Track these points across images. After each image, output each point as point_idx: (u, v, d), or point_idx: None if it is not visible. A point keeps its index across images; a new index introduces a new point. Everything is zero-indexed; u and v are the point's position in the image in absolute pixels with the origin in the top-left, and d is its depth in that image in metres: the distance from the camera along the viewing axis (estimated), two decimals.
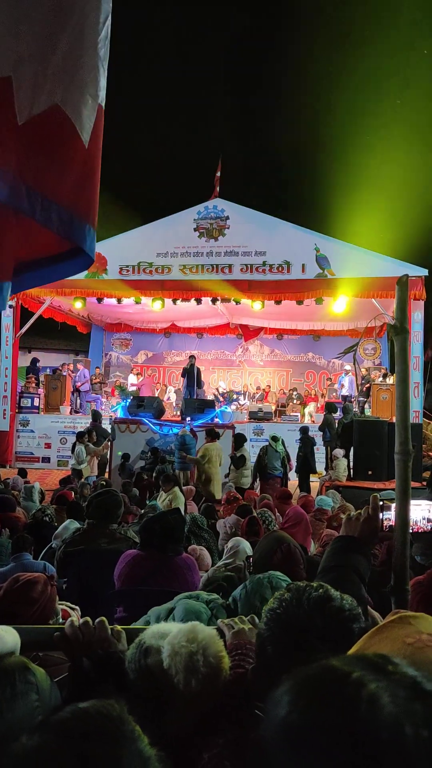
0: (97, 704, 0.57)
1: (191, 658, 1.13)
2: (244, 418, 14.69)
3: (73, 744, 0.52)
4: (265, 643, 1.01)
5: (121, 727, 0.55)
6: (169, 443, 12.01)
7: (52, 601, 2.32)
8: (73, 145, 1.73)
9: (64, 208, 1.72)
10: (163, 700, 1.13)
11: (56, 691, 1.05)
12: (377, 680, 0.49)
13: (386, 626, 0.89)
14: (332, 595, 1.04)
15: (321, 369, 19.39)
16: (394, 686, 0.49)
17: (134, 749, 0.54)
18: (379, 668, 0.51)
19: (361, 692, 0.48)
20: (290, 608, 1.02)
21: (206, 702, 1.14)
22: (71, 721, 0.55)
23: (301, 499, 7.96)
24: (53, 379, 15.58)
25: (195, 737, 1.10)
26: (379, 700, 0.47)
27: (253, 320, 17.98)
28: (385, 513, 1.77)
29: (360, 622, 1.01)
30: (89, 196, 1.82)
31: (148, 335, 20.08)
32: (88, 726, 0.54)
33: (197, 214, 14.29)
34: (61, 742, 0.52)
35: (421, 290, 12.82)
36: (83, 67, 1.72)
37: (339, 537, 1.69)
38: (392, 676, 0.50)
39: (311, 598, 1.02)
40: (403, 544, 1.78)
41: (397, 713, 0.46)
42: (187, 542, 5.16)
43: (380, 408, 13.16)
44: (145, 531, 2.78)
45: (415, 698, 0.47)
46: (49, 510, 6.32)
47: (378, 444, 9.08)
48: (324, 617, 0.98)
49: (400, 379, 1.86)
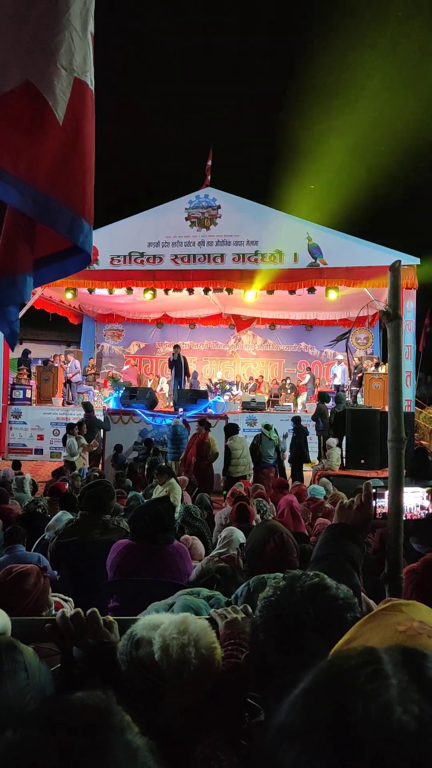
0: (83, 696, 0.56)
1: (182, 650, 1.12)
2: (237, 409, 14.70)
3: (57, 738, 0.51)
4: (258, 631, 1.01)
5: (108, 718, 0.54)
6: (162, 434, 12.01)
7: (45, 592, 2.31)
8: (46, 122, 1.62)
9: (39, 191, 1.61)
10: (154, 691, 1.12)
11: (47, 672, 1.04)
12: (395, 677, 0.48)
13: (378, 614, 0.89)
14: (327, 583, 1.03)
15: (314, 359, 19.41)
16: (411, 684, 0.47)
17: (122, 741, 0.53)
18: (403, 663, 0.50)
19: (369, 685, 0.47)
20: (283, 596, 1.01)
21: (198, 693, 1.13)
22: (55, 714, 0.54)
23: (294, 488, 7.99)
24: (45, 370, 15.50)
25: (188, 727, 1.09)
26: (391, 703, 0.45)
27: (245, 310, 17.95)
28: (378, 501, 1.76)
29: (355, 612, 1.00)
30: (77, 185, 1.69)
31: (140, 326, 20.01)
32: (72, 719, 0.53)
33: (188, 204, 14.21)
34: (44, 736, 0.51)
35: (413, 279, 12.83)
36: (55, 38, 1.61)
37: (332, 525, 1.69)
38: (414, 674, 0.48)
39: (305, 586, 1.01)
40: (397, 531, 1.78)
41: (398, 708, 0.44)
42: (181, 532, 5.17)
43: (372, 397, 13.21)
44: (135, 521, 2.77)
45: (428, 701, 0.45)
46: (41, 501, 6.31)
47: (370, 433, 9.13)
48: (316, 605, 0.98)
49: (393, 366, 1.85)
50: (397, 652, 0.51)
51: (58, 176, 1.66)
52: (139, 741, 0.54)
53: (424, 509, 1.94)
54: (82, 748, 0.50)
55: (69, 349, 19.02)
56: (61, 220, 1.67)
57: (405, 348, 12.86)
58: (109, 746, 0.51)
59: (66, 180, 1.68)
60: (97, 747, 0.51)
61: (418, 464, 5.62)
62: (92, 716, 0.54)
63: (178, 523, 5.58)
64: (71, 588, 3.10)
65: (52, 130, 1.63)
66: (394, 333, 1.80)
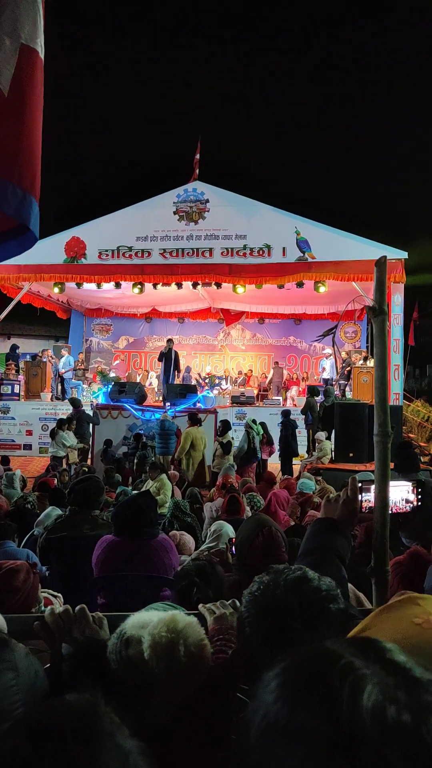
0: (71, 700, 0.56)
1: (171, 648, 1.12)
2: (227, 403, 14.71)
3: (48, 745, 0.50)
4: (244, 625, 1.02)
5: (97, 722, 0.54)
6: (152, 428, 12.01)
7: (35, 589, 2.31)
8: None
9: None
10: (145, 689, 1.12)
11: (40, 672, 1.03)
12: (366, 666, 0.49)
13: (394, 605, 0.90)
14: (309, 576, 1.04)
15: (302, 353, 19.45)
16: (382, 672, 0.49)
17: (112, 745, 0.52)
18: (367, 654, 0.51)
19: (347, 678, 0.48)
20: (268, 590, 1.03)
21: (188, 689, 1.14)
22: (44, 720, 0.53)
23: (283, 481, 8.02)
24: (33, 365, 15.42)
25: (178, 723, 1.10)
26: (365, 686, 0.47)
27: (234, 304, 17.94)
28: (364, 495, 1.78)
29: (338, 603, 1.01)
30: (21, 157, 1.57)
31: (129, 320, 19.94)
32: (62, 725, 0.52)
33: (177, 197, 14.15)
34: (34, 743, 0.50)
35: (401, 273, 12.88)
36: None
37: (319, 519, 1.70)
38: (380, 662, 0.50)
39: (288, 579, 1.03)
40: (383, 525, 1.79)
41: (382, 700, 0.46)
42: (170, 527, 5.18)
43: (361, 391, 13.26)
44: (117, 517, 2.77)
45: (401, 685, 0.47)
46: (31, 497, 6.29)
47: (359, 426, 9.16)
48: (300, 597, 0.99)
49: (379, 361, 1.86)
50: (353, 644, 0.53)
51: (6, 153, 1.55)
52: (130, 744, 0.54)
53: (409, 503, 1.96)
54: (73, 753, 0.49)
55: (57, 344, 18.92)
56: (8, 199, 1.55)
57: (393, 341, 12.96)
58: (100, 751, 0.51)
59: (10, 154, 1.56)
60: (88, 752, 0.50)
61: (404, 458, 5.65)
62: (81, 720, 0.53)
63: (167, 518, 5.59)
64: (61, 584, 3.10)
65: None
66: (379, 328, 1.81)
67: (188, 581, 2.02)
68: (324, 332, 7.64)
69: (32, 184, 1.60)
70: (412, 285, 13.62)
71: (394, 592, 2.10)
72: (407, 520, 3.78)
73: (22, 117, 1.56)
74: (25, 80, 1.56)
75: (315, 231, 13.58)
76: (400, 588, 2.18)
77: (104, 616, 1.40)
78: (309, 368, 19.04)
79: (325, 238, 13.47)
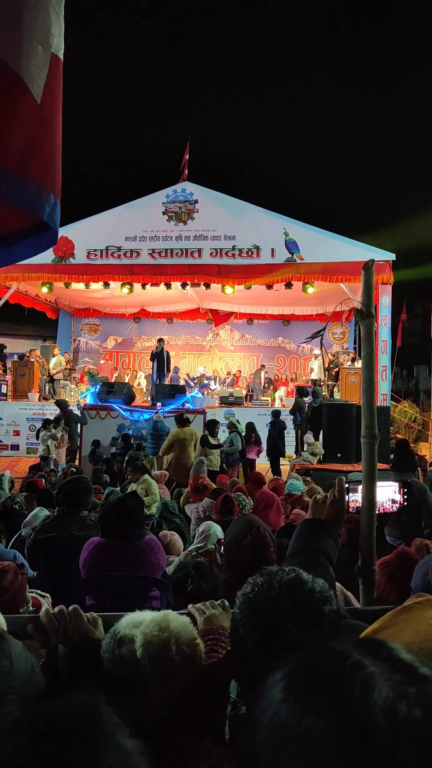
0: (72, 699, 0.56)
1: (163, 647, 1.13)
2: (215, 403, 14.72)
3: (50, 745, 0.50)
4: (238, 626, 1.03)
5: (99, 723, 0.53)
6: (140, 429, 11.97)
7: (23, 589, 2.30)
8: (23, 102, 1.54)
9: (13, 173, 1.54)
10: (138, 688, 1.13)
11: (34, 666, 1.03)
12: (374, 664, 0.50)
13: (411, 607, 0.91)
14: (303, 578, 1.05)
15: (291, 353, 19.52)
16: (390, 670, 0.49)
17: (114, 744, 0.52)
18: (375, 652, 0.52)
19: (357, 675, 0.49)
20: (261, 592, 1.03)
21: (181, 688, 1.15)
22: (46, 720, 0.53)
23: (272, 482, 8.04)
24: (21, 365, 15.33)
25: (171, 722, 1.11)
26: (375, 683, 0.48)
27: (223, 305, 17.96)
28: (351, 495, 1.80)
29: (331, 604, 1.02)
30: (48, 161, 1.63)
31: (117, 320, 19.89)
32: (64, 724, 0.52)
33: (166, 198, 14.14)
34: (37, 746, 0.50)
35: (389, 274, 12.97)
36: (29, 12, 1.51)
37: (307, 520, 1.72)
38: (388, 661, 0.51)
39: (282, 581, 1.04)
40: (370, 525, 1.81)
41: (393, 696, 0.46)
42: (159, 527, 5.18)
43: (349, 391, 13.33)
44: (103, 518, 2.77)
45: (410, 681, 0.48)
46: (18, 498, 6.26)
47: (347, 427, 9.21)
48: (294, 599, 1.00)
49: (366, 363, 1.88)
50: (359, 644, 0.53)
51: (33, 156, 1.60)
52: (131, 743, 0.54)
53: (395, 503, 1.98)
54: (75, 753, 0.49)
55: (46, 344, 18.82)
56: (39, 203, 1.62)
57: (381, 343, 13.04)
58: (102, 751, 0.51)
59: (41, 159, 1.62)
60: (90, 752, 0.50)
61: (400, 456, 5.66)
62: (83, 720, 0.53)
63: (156, 518, 5.59)
64: (48, 584, 3.09)
65: (30, 110, 1.56)
66: (367, 330, 1.83)
67: (184, 572, 2.03)
68: (312, 334, 7.68)
69: (56, 185, 1.66)
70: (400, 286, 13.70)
71: (382, 591, 2.12)
72: (394, 519, 3.81)
73: (52, 123, 1.62)
74: (54, 87, 1.61)
75: (303, 232, 13.63)
76: (387, 587, 2.21)
77: (98, 616, 1.41)
78: (297, 369, 19.10)
79: (314, 240, 13.53)
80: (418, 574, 1.98)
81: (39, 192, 1.60)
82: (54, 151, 1.65)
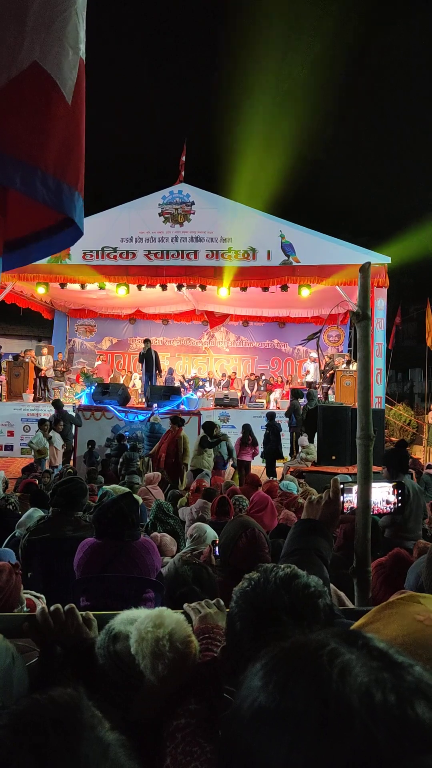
0: (53, 694, 0.57)
1: (157, 644, 1.14)
2: (210, 405, 14.72)
3: (29, 738, 0.51)
4: (235, 620, 1.05)
5: (78, 715, 0.55)
6: (135, 430, 11.96)
7: (17, 589, 2.30)
8: (56, 104, 1.59)
9: (50, 174, 1.59)
10: (131, 684, 1.14)
11: (15, 657, 1.04)
12: (350, 652, 0.52)
13: (396, 602, 0.92)
14: (299, 573, 1.08)
15: (286, 356, 19.55)
16: (367, 657, 0.51)
17: (93, 737, 0.54)
18: (352, 641, 0.54)
19: (334, 662, 0.50)
20: (258, 586, 1.05)
21: (175, 686, 1.16)
22: (25, 714, 0.55)
23: (267, 484, 8.05)
24: (16, 365, 15.29)
25: (162, 719, 1.12)
26: (352, 669, 0.49)
27: (218, 307, 17.97)
28: (345, 495, 1.81)
29: (325, 599, 1.05)
30: (76, 160, 1.69)
31: (113, 321, 19.88)
32: (42, 718, 0.53)
33: (162, 199, 14.15)
34: (15, 736, 0.51)
35: (384, 278, 13.02)
36: (60, 16, 1.57)
37: (301, 520, 1.73)
38: (364, 649, 0.53)
39: (278, 576, 1.06)
40: (365, 527, 1.82)
41: (368, 681, 0.48)
42: (153, 529, 5.18)
43: (344, 394, 13.36)
44: (98, 519, 2.77)
45: (385, 668, 0.50)
46: (12, 498, 6.25)
47: (341, 429, 9.22)
48: (290, 593, 1.02)
49: (362, 366, 1.89)
50: (337, 635, 0.55)
51: (66, 157, 1.65)
52: (111, 737, 0.55)
53: (389, 504, 1.99)
54: (53, 745, 0.51)
55: (40, 345, 18.77)
56: (70, 203, 1.69)
57: (375, 345, 13.09)
58: (81, 743, 0.52)
59: (72, 159, 1.68)
60: (68, 744, 0.51)
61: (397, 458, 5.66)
62: (63, 714, 0.54)
63: (150, 520, 5.58)
64: (42, 585, 3.09)
65: (62, 112, 1.61)
66: (363, 333, 1.85)
67: (187, 589, 2.03)
68: (308, 336, 7.69)
69: (82, 187, 1.74)
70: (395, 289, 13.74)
71: (378, 592, 2.14)
72: (389, 521, 3.83)
73: (80, 123, 1.69)
74: (81, 88, 1.68)
75: (299, 235, 13.67)
76: (383, 589, 2.22)
77: (94, 615, 1.41)
78: (293, 371, 19.14)
79: (310, 242, 13.56)
80: (412, 574, 1.99)
81: (71, 192, 1.67)
82: (81, 151, 1.72)
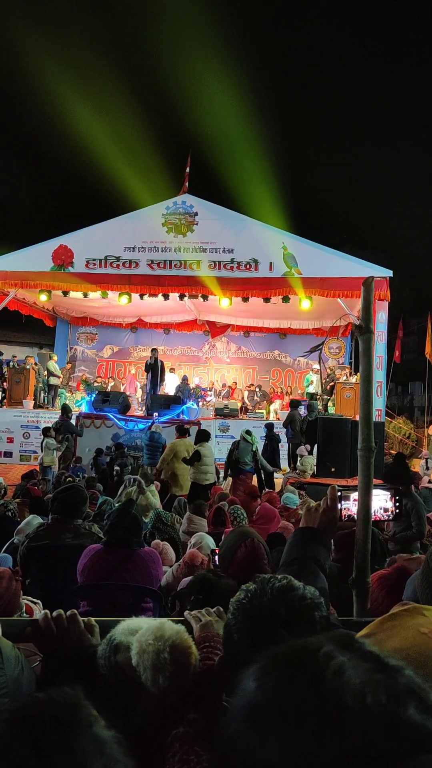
0: (51, 692, 0.59)
1: (158, 657, 1.15)
2: (210, 415, 14.72)
3: (27, 733, 0.53)
4: (232, 631, 1.05)
5: (76, 712, 0.56)
6: (135, 439, 11.96)
7: (17, 596, 2.30)
8: None
9: None
10: (132, 694, 1.14)
11: (24, 664, 1.04)
12: (344, 655, 0.53)
13: (399, 614, 0.93)
14: (294, 585, 1.08)
15: (287, 367, 19.57)
16: (360, 659, 0.53)
17: (90, 733, 0.55)
18: (346, 645, 0.55)
19: (329, 664, 0.52)
20: (255, 598, 1.06)
21: (174, 695, 1.16)
22: (23, 710, 0.56)
23: (266, 495, 8.03)
24: (16, 372, 15.31)
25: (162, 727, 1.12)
26: (345, 670, 0.51)
27: (220, 317, 18.02)
28: (343, 503, 1.81)
29: (322, 611, 1.05)
30: None
31: (114, 330, 19.92)
32: (41, 714, 0.55)
33: (166, 209, 14.23)
34: (13, 731, 0.53)
35: (386, 291, 13.05)
36: None
37: (299, 529, 1.73)
38: (358, 652, 0.54)
39: (275, 587, 1.06)
40: (365, 537, 1.83)
41: (362, 682, 0.50)
42: (152, 538, 5.17)
43: (344, 406, 13.38)
44: (114, 527, 2.77)
45: (378, 670, 0.51)
46: (11, 505, 6.24)
47: (341, 441, 9.22)
48: (286, 605, 1.02)
49: (364, 378, 1.91)
50: (331, 639, 0.57)
51: None
52: (107, 734, 0.57)
53: (387, 511, 2.00)
54: (51, 741, 0.52)
55: (42, 352, 18.81)
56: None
57: (376, 358, 13.11)
58: (77, 738, 0.54)
59: None
60: (65, 739, 0.53)
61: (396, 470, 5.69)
62: (60, 710, 0.56)
63: (149, 528, 5.58)
64: (40, 592, 3.09)
65: None
66: (365, 346, 1.87)
67: (197, 586, 2.03)
68: (311, 348, 7.74)
69: None
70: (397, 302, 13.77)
71: (379, 605, 2.14)
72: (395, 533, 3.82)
73: None
74: None
75: (302, 247, 13.73)
76: (386, 602, 2.21)
77: (95, 621, 1.42)
78: (293, 382, 19.15)
79: (312, 255, 13.62)
80: (410, 586, 1.99)
81: None
82: None
